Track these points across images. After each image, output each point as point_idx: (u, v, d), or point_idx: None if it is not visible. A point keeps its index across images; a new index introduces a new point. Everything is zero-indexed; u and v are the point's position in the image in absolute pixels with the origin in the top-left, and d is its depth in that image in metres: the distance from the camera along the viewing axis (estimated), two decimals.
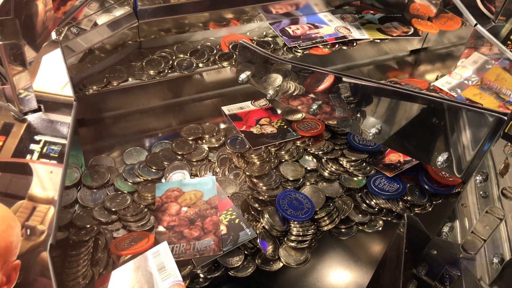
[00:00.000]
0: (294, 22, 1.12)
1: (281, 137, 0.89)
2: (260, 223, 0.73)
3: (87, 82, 0.89)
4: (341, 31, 1.10)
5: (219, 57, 1.00)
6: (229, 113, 0.94)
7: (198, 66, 0.98)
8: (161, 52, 1.00)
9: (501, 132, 0.59)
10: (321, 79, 0.82)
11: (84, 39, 0.87)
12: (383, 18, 1.17)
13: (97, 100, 0.93)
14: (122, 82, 0.91)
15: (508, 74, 0.97)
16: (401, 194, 0.81)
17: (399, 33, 1.12)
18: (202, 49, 1.02)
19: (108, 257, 0.68)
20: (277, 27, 1.09)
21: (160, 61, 0.96)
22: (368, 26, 1.13)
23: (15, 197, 0.59)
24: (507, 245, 0.59)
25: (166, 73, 0.95)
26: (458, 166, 0.69)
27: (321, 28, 1.10)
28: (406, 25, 1.15)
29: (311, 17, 1.14)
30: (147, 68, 0.94)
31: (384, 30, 1.13)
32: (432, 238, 0.71)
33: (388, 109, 0.76)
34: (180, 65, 0.97)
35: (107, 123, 0.94)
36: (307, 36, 1.07)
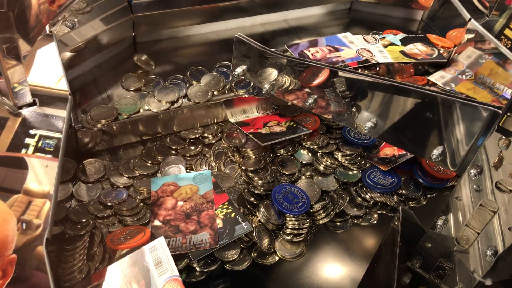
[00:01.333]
0: (313, 45, 1.06)
1: (291, 133, 0.87)
2: (256, 217, 0.74)
3: (94, 115, 0.82)
4: (363, 54, 1.04)
5: (235, 84, 0.93)
6: (235, 121, 0.92)
7: (213, 94, 0.90)
8: (173, 79, 0.93)
9: (496, 126, 0.60)
10: (316, 74, 0.82)
11: (79, 33, 0.87)
12: (405, 39, 1.11)
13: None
14: (133, 114, 0.84)
15: (502, 69, 0.97)
16: (395, 187, 0.81)
17: (423, 56, 1.06)
18: (217, 75, 0.95)
19: (104, 251, 0.68)
20: (295, 50, 1.03)
21: (174, 89, 0.89)
22: (391, 49, 1.07)
23: (11, 191, 0.59)
24: (500, 237, 0.59)
25: (181, 104, 0.88)
26: (453, 160, 0.70)
27: (341, 50, 1.04)
28: (430, 46, 1.09)
29: (330, 38, 1.08)
30: (159, 97, 0.87)
31: (407, 52, 1.07)
32: (426, 231, 0.71)
33: (383, 103, 0.77)
34: (195, 94, 0.90)
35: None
36: (328, 60, 1.01)
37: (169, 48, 1.05)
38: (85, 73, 0.93)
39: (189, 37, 1.04)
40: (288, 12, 1.20)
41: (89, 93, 0.91)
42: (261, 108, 0.96)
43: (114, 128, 0.82)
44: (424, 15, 1.25)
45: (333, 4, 1.27)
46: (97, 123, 0.80)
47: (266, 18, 1.17)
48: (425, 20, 1.25)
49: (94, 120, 0.81)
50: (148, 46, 1.02)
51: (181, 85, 0.91)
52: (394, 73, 1.06)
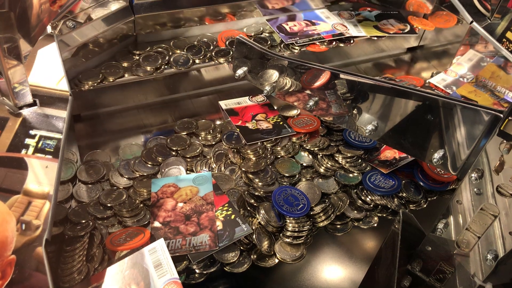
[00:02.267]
0: (291, 19, 1.12)
1: (276, 133, 0.89)
2: (256, 219, 0.74)
3: (82, 77, 0.88)
4: (338, 28, 1.10)
5: (215, 53, 1.00)
6: (225, 108, 0.94)
7: (194, 62, 0.98)
8: (157, 48, 0.99)
9: (497, 130, 0.60)
10: (317, 76, 0.82)
11: (80, 33, 0.87)
12: (379, 15, 1.17)
13: (93, 96, 0.92)
14: (118, 78, 0.91)
15: (503, 72, 0.97)
16: (396, 190, 0.81)
17: (396, 31, 1.13)
18: (198, 45, 1.01)
19: (103, 252, 0.67)
20: (274, 24, 1.09)
21: (157, 56, 0.96)
22: (365, 23, 1.13)
23: (10, 192, 0.59)
24: (500, 241, 0.59)
25: (163, 69, 0.95)
26: (454, 163, 0.70)
27: (318, 25, 1.10)
28: (403, 23, 1.15)
29: (308, 14, 1.14)
30: (143, 64, 0.93)
31: (380, 27, 1.13)
32: (427, 235, 0.71)
33: (384, 106, 0.77)
34: (177, 61, 0.97)
35: (102, 118, 0.94)
36: (304, 33, 1.07)
37: None
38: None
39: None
40: None
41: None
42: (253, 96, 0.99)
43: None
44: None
45: None
46: (84, 85, 0.86)
47: None
48: None
49: (81, 82, 0.87)
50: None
51: (163, 53, 0.98)
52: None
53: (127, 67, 0.93)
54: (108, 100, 0.95)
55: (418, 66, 1.21)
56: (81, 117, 0.92)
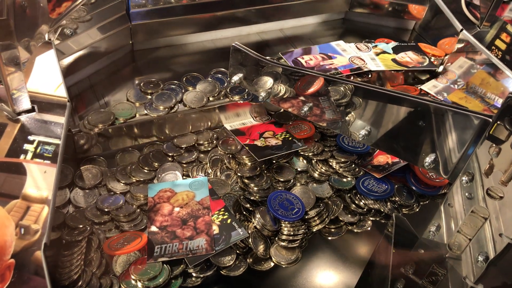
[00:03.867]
0: (306, 52, 1.07)
1: (287, 148, 0.87)
2: (251, 223, 0.74)
3: (92, 120, 0.83)
4: (356, 62, 1.06)
5: (230, 90, 0.94)
6: (231, 129, 0.92)
7: (208, 100, 0.92)
8: (169, 85, 0.94)
9: (486, 134, 0.61)
10: (311, 82, 0.84)
11: (77, 41, 0.88)
12: (396, 47, 1.13)
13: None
14: (130, 119, 0.85)
15: (493, 79, 0.99)
16: (389, 195, 0.82)
17: (414, 64, 1.08)
18: (212, 81, 0.95)
19: (101, 257, 0.68)
20: (289, 58, 1.04)
21: (170, 95, 0.90)
22: (383, 57, 1.09)
23: (9, 197, 0.60)
24: (491, 244, 0.61)
25: (176, 109, 0.89)
26: (445, 167, 0.71)
27: (334, 58, 1.06)
28: (421, 55, 1.12)
29: (323, 46, 1.10)
30: (156, 103, 0.88)
31: (398, 61, 1.09)
32: (419, 238, 0.72)
33: (377, 112, 0.78)
34: (191, 99, 0.91)
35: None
36: (321, 67, 1.02)
37: (166, 56, 1.06)
38: (83, 80, 0.94)
39: (186, 45, 1.05)
40: (283, 21, 1.22)
41: (86, 100, 0.92)
42: (255, 113, 0.97)
43: (110, 131, 0.84)
44: (416, 25, 1.28)
45: (328, 14, 1.29)
46: (94, 128, 0.81)
47: (262, 27, 1.19)
48: (417, 30, 1.27)
49: (91, 124, 0.82)
50: (145, 54, 1.03)
51: (176, 91, 0.93)
52: (384, 80, 1.08)
53: (139, 106, 0.89)
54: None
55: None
56: None
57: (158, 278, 0.65)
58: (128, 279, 0.66)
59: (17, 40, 0.66)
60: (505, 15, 1.19)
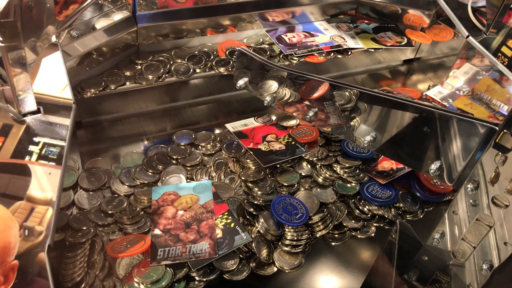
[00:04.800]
0: (290, 30, 1.13)
1: (291, 154, 0.88)
2: (255, 227, 0.74)
3: (85, 85, 0.89)
4: (336, 39, 1.12)
5: (216, 62, 1.02)
6: (233, 131, 0.93)
7: (195, 72, 0.99)
8: (158, 57, 1.01)
9: (492, 142, 0.61)
10: (316, 87, 0.83)
11: (83, 43, 0.88)
12: (377, 28, 1.19)
13: (94, 103, 0.93)
14: (120, 86, 0.92)
15: (498, 85, 0.99)
16: (393, 201, 0.82)
17: (393, 43, 1.15)
18: (199, 54, 1.03)
19: (104, 259, 0.68)
20: (274, 35, 1.11)
21: (158, 66, 0.97)
22: (363, 36, 1.15)
23: (14, 198, 0.60)
24: (495, 252, 0.60)
25: (164, 78, 0.96)
26: (450, 174, 0.71)
27: (316, 36, 1.12)
28: (400, 35, 1.17)
29: (307, 26, 1.16)
30: (145, 73, 0.95)
31: (378, 39, 1.15)
32: (423, 245, 0.72)
33: (382, 117, 0.78)
34: (178, 70, 0.98)
35: (104, 126, 0.95)
36: (303, 44, 1.09)
37: None
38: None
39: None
40: None
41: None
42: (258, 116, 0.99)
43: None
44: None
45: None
46: (86, 92, 0.88)
47: None
48: None
49: (83, 89, 0.89)
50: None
51: (165, 62, 1.00)
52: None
53: (129, 76, 0.94)
54: (109, 108, 0.96)
55: (414, 78, 1.23)
56: (82, 123, 0.94)
57: (161, 282, 0.65)
58: (131, 282, 0.66)
59: (24, 41, 0.66)
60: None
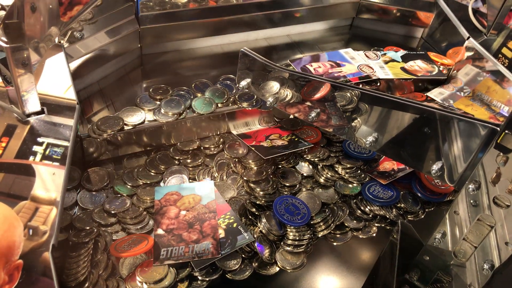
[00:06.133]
0: (315, 60, 1.07)
1: (293, 147, 0.88)
2: (257, 227, 0.75)
3: (101, 125, 0.83)
4: (364, 70, 1.05)
5: (239, 96, 0.95)
6: (237, 133, 0.93)
7: (217, 106, 0.93)
8: (178, 91, 0.95)
9: (494, 143, 0.61)
10: (317, 88, 0.84)
11: (86, 44, 0.88)
12: (405, 55, 1.13)
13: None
14: (139, 125, 0.86)
15: (499, 87, 0.99)
16: (394, 201, 0.82)
17: (423, 73, 1.08)
18: (221, 88, 0.96)
19: (108, 259, 0.68)
20: (298, 65, 1.04)
21: (179, 101, 0.90)
22: (392, 65, 1.09)
23: (18, 198, 0.60)
24: (496, 252, 0.61)
25: (185, 114, 0.89)
26: (451, 175, 0.71)
27: (343, 66, 1.06)
28: (430, 64, 1.12)
29: (332, 54, 1.10)
30: (165, 109, 0.88)
31: (407, 69, 1.08)
32: (424, 245, 0.72)
33: (384, 118, 0.78)
34: (199, 106, 0.91)
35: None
36: (330, 75, 1.03)
37: (174, 60, 1.07)
38: (92, 83, 0.95)
39: (194, 49, 1.05)
40: (290, 27, 1.22)
41: (95, 103, 0.93)
42: (263, 121, 0.97)
43: (119, 139, 0.84)
44: (424, 32, 1.28)
45: (335, 20, 1.29)
46: (103, 133, 0.82)
47: (269, 32, 1.20)
48: (424, 38, 1.27)
49: (100, 130, 0.82)
50: (153, 58, 1.04)
51: (185, 97, 0.93)
52: (394, 89, 1.08)
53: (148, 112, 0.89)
54: None
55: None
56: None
57: (164, 281, 0.66)
58: (134, 282, 0.66)
59: (28, 42, 0.67)
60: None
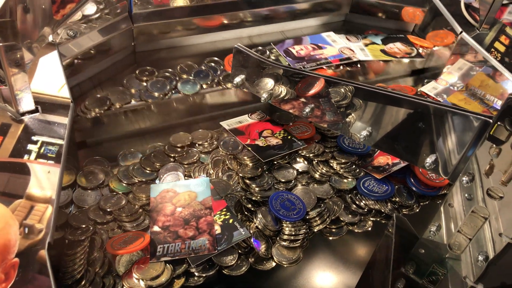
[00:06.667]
0: (297, 42, 1.10)
1: (288, 148, 0.88)
2: (253, 223, 0.75)
3: (89, 104, 0.87)
4: (345, 52, 1.09)
5: (223, 78, 0.99)
6: (229, 128, 0.93)
7: (202, 88, 0.97)
8: (164, 72, 0.98)
9: (487, 135, 0.62)
10: (312, 84, 0.84)
11: (80, 43, 0.88)
12: (385, 38, 1.17)
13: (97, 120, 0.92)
14: (126, 104, 0.89)
15: (492, 81, 1.00)
16: (389, 195, 0.83)
17: (402, 54, 1.12)
18: (206, 69, 1.00)
19: (104, 256, 0.68)
20: (281, 47, 1.08)
21: (164, 82, 0.95)
22: (372, 47, 1.13)
23: (13, 196, 0.60)
24: (491, 243, 0.61)
25: (170, 95, 0.94)
26: (445, 168, 0.72)
27: (324, 48, 1.09)
28: (409, 46, 1.15)
29: (314, 37, 1.13)
30: (151, 90, 0.93)
31: (387, 51, 1.12)
32: (419, 238, 0.73)
33: (378, 113, 0.79)
34: (184, 86, 0.96)
35: (102, 124, 0.95)
36: (311, 57, 1.06)
37: (168, 58, 1.07)
38: (85, 81, 0.95)
39: (187, 47, 1.05)
40: (284, 23, 1.22)
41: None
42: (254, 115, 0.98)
43: (107, 120, 0.87)
44: (416, 27, 1.28)
45: (328, 17, 1.29)
46: (91, 112, 0.85)
47: (263, 29, 1.20)
48: (416, 32, 1.28)
49: (88, 109, 0.85)
50: (147, 55, 1.03)
51: (171, 79, 0.98)
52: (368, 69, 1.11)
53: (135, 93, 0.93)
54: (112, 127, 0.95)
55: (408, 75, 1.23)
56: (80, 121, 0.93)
57: (160, 278, 0.66)
58: (131, 279, 0.66)
59: (21, 41, 0.66)
60: (504, 17, 1.20)
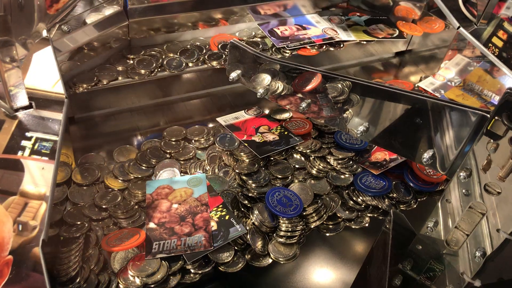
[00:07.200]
0: (282, 23, 1.13)
1: (285, 144, 0.88)
2: (249, 220, 0.75)
3: (77, 80, 0.89)
4: (328, 32, 1.12)
5: (208, 56, 1.02)
6: (225, 124, 0.93)
7: (187, 66, 0.99)
8: (151, 51, 1.00)
9: (484, 130, 0.61)
10: (309, 79, 0.84)
11: (75, 38, 0.87)
12: (369, 20, 1.20)
13: (87, 98, 0.93)
14: (112, 81, 0.92)
15: (490, 76, 1.00)
16: (387, 191, 0.82)
17: (385, 35, 1.15)
18: (191, 48, 1.03)
19: (99, 253, 0.68)
20: (266, 28, 1.11)
21: (151, 60, 0.97)
22: (354, 28, 1.16)
23: (7, 193, 0.60)
24: (488, 239, 0.61)
25: (156, 72, 0.96)
26: (443, 163, 0.71)
27: (308, 29, 1.12)
28: (392, 28, 1.18)
29: (299, 18, 1.16)
30: (138, 67, 0.95)
31: (370, 32, 1.15)
32: (417, 234, 0.73)
33: (376, 108, 0.78)
34: (170, 64, 0.98)
35: (97, 121, 0.95)
36: (295, 37, 1.09)
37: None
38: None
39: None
40: None
41: None
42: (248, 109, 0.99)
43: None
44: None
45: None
46: (79, 87, 0.88)
47: None
48: None
49: (75, 84, 0.88)
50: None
51: (157, 57, 1.00)
52: None
53: (122, 70, 0.94)
54: (102, 103, 0.96)
55: (406, 70, 1.24)
56: (75, 119, 0.93)
57: (156, 275, 0.65)
58: (127, 276, 0.66)
59: (15, 36, 0.66)
60: (502, 12, 1.19)
